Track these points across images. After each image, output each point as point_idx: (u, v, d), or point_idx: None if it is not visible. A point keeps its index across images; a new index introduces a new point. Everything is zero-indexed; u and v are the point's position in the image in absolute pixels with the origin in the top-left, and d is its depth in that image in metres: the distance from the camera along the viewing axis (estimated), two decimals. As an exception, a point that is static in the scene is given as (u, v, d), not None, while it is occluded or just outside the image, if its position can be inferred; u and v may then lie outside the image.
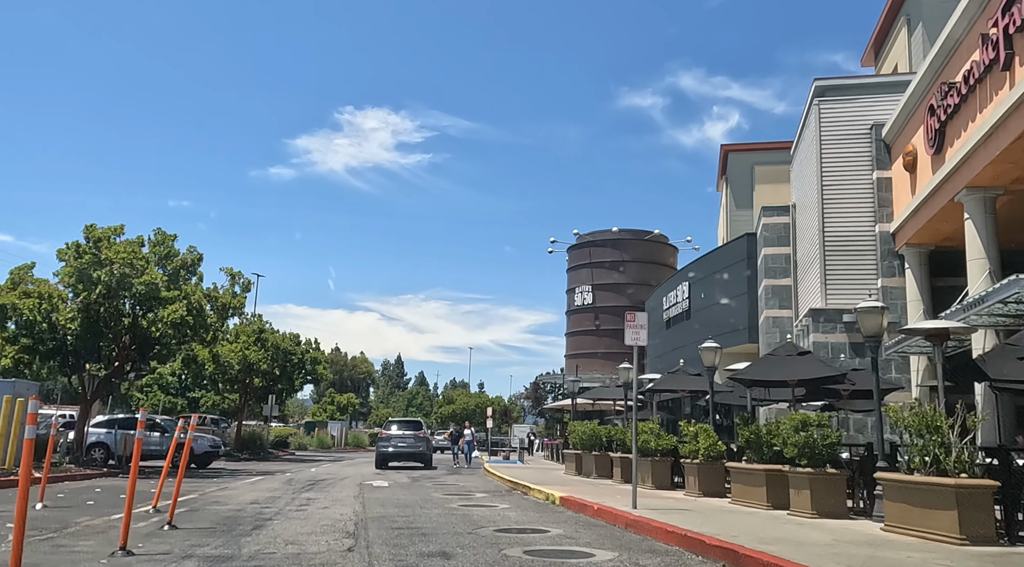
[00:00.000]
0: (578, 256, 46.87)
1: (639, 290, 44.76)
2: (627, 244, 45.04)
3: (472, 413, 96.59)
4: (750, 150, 47.84)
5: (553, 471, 24.76)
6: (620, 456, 17.77)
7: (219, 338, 26.75)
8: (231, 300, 23.23)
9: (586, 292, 45.05)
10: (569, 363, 47.00)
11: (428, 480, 20.93)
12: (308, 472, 24.39)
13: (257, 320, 35.21)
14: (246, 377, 34.57)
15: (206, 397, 55.69)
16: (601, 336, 44.45)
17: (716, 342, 18.32)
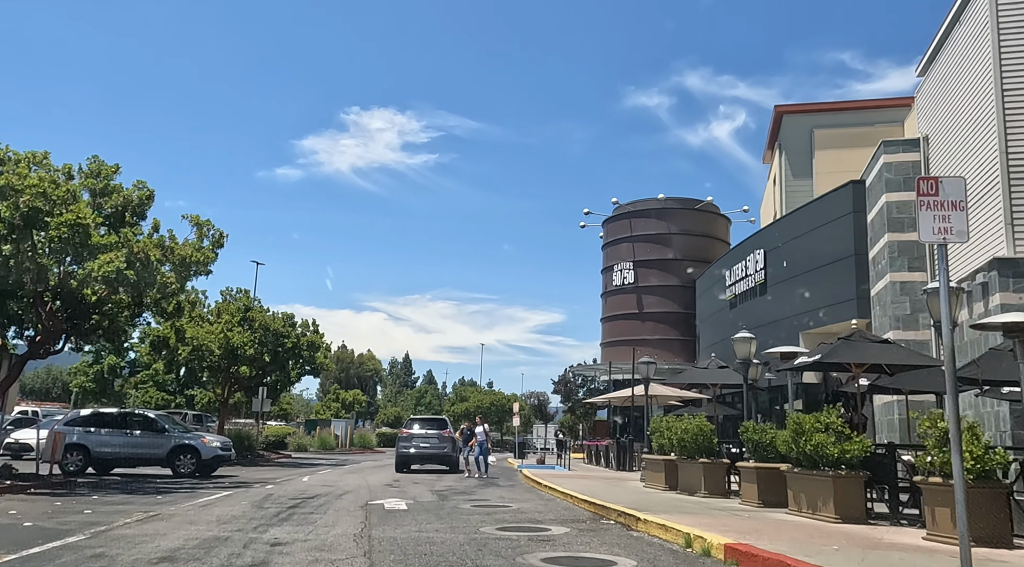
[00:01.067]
0: (616, 229, 40.89)
1: (689, 266, 38.73)
2: (674, 214, 39.06)
3: (487, 411, 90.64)
4: (809, 112, 41.91)
5: (624, 482, 18.79)
6: (758, 467, 11.79)
7: (185, 310, 20.87)
8: (193, 254, 17.33)
9: (626, 270, 39.09)
10: (606, 352, 41.06)
11: (461, 496, 15.05)
12: (297, 484, 18.50)
13: (243, 296, 29.37)
14: (230, 365, 28.74)
15: (203, 393, 50.37)
16: (645, 320, 38.45)
17: (809, 319, 13.06)
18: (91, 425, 20.14)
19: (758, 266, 28.73)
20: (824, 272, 24.25)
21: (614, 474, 22.24)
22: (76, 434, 19.73)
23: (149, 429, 20.43)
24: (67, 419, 20.33)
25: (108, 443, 19.94)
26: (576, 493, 13.91)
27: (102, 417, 20.71)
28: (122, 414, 21.35)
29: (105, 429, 20.09)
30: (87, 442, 19.75)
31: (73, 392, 78.17)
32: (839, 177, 31.29)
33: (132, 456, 20.20)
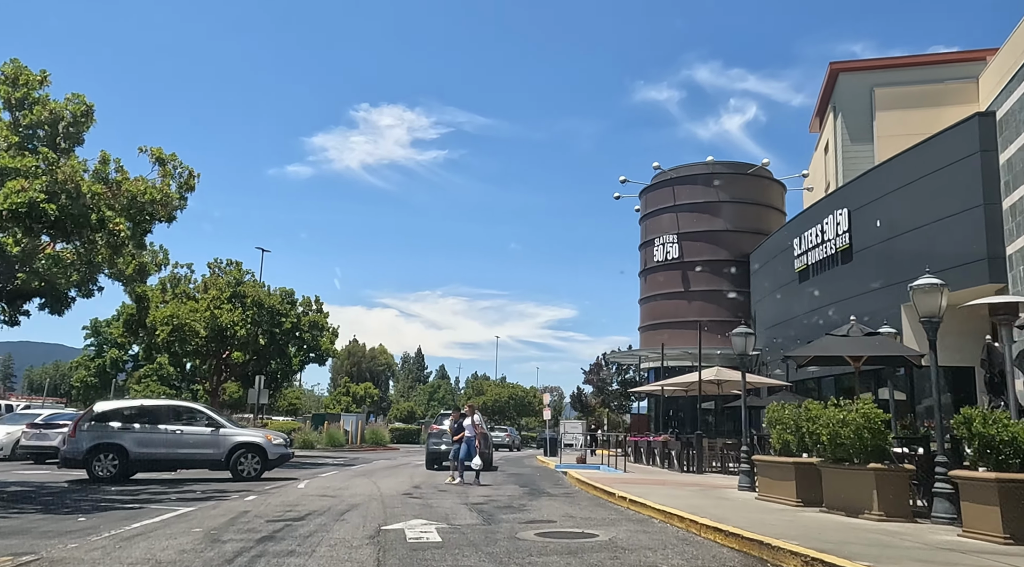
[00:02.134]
0: (657, 199, 36.39)
1: (740, 238, 34.31)
2: (723, 180, 34.50)
3: (504, 406, 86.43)
4: (868, 69, 37.29)
5: (720, 491, 14.38)
6: (1001, 480, 7.36)
7: (149, 270, 16.63)
8: (148, 190, 13.08)
9: (670, 243, 34.61)
10: (645, 337, 36.64)
11: (509, 513, 10.75)
12: (289, 493, 14.25)
13: (235, 268, 25.17)
14: (220, 348, 24.56)
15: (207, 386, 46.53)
16: (692, 300, 33.98)
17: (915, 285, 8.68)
18: (129, 420, 16.29)
19: (840, 229, 24.21)
20: (938, 230, 19.73)
21: (690, 478, 17.81)
22: (109, 431, 15.98)
23: (203, 424, 16.88)
24: (95, 413, 16.48)
25: (151, 442, 16.20)
26: (681, 512, 9.55)
27: (143, 410, 16.80)
28: (168, 407, 17.57)
29: (147, 425, 16.32)
30: (124, 441, 15.98)
31: (73, 387, 74.67)
32: (904, 141, 26.74)
33: (182, 458, 16.64)
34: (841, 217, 24.27)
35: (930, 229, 20.13)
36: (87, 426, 15.90)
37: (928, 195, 20.34)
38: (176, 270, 25.63)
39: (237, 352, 26.27)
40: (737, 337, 14.34)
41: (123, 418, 16.24)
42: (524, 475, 21.15)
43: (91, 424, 15.96)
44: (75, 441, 15.75)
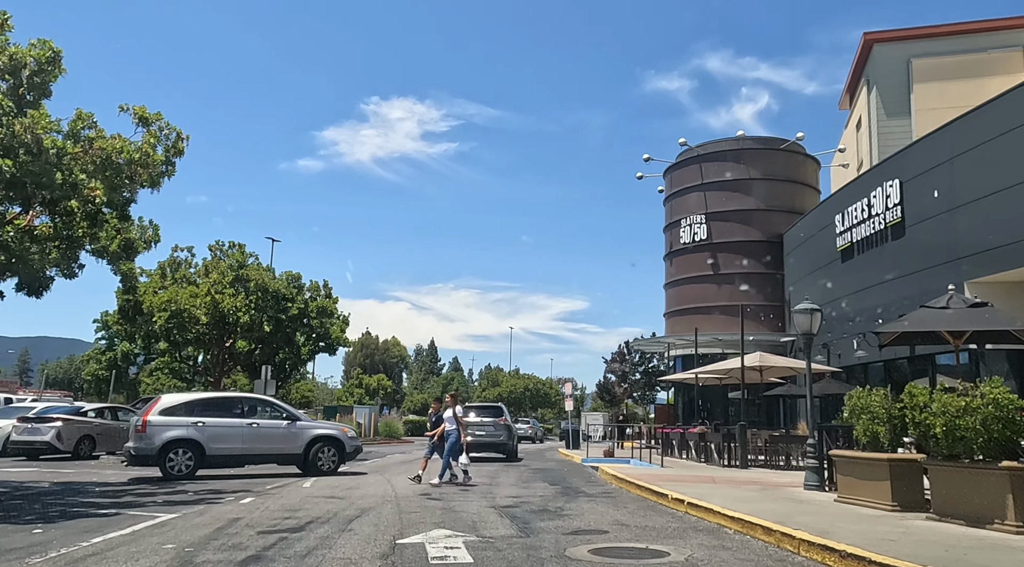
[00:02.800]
0: (683, 177, 34.45)
1: (773, 217, 32.37)
2: (754, 157, 32.56)
3: (521, 398, 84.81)
4: (905, 39, 35.15)
5: (786, 490, 12.60)
6: None
7: (138, 248, 15.00)
8: (125, 148, 11.41)
9: (697, 224, 32.70)
10: (671, 323, 34.80)
11: (547, 519, 9.06)
12: (291, 495, 12.61)
13: (237, 251, 23.56)
14: (222, 336, 22.98)
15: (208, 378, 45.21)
16: (721, 284, 32.10)
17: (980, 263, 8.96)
18: (201, 413, 15.30)
19: (890, 202, 22.28)
20: (1005, 200, 17.78)
21: (738, 475, 16.02)
22: (183, 427, 14.90)
23: (279, 417, 16.16)
24: (164, 406, 15.35)
25: (227, 437, 15.28)
26: (762, 520, 7.81)
27: (214, 403, 16.05)
28: (241, 399, 16.84)
29: (221, 418, 15.41)
30: (199, 437, 14.94)
31: (85, 381, 73.68)
32: (943, 114, 24.78)
33: (259, 453, 15.82)
34: (892, 189, 22.34)
35: (996, 199, 18.19)
36: (157, 421, 14.70)
37: (992, 161, 18.39)
38: (176, 254, 24.11)
39: (241, 341, 24.68)
40: (801, 314, 12.54)
41: (195, 411, 15.22)
42: (551, 470, 19.45)
43: (161, 418, 14.78)
44: (147, 437, 14.56)
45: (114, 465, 19.51)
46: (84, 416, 22.06)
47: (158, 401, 15.48)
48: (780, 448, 19.02)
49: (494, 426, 23.82)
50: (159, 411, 15.00)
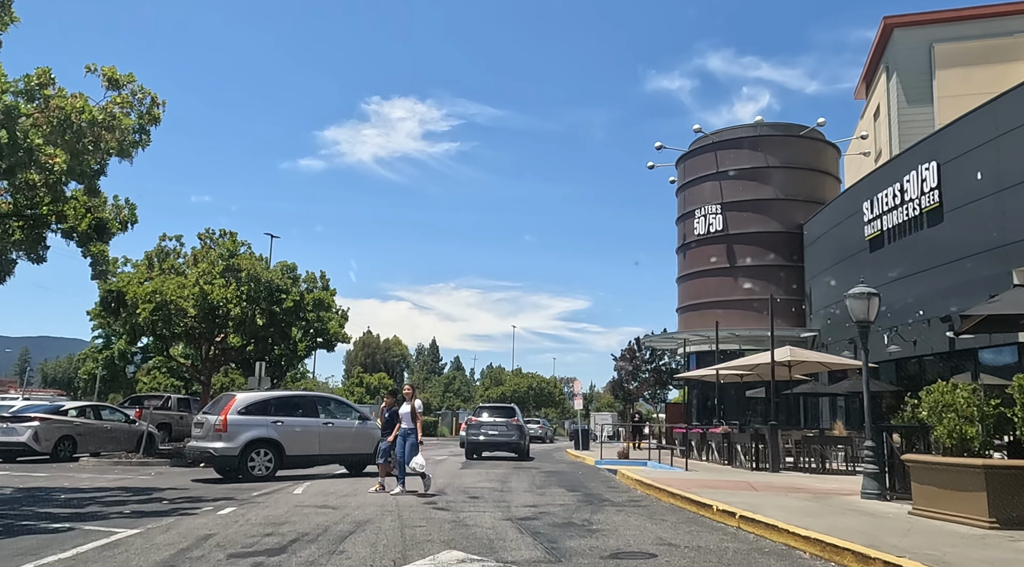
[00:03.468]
0: (697, 166, 32.97)
1: (792, 207, 30.92)
2: (772, 144, 31.07)
3: (524, 397, 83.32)
4: (927, 23, 33.67)
5: (840, 499, 11.12)
6: None
7: (112, 228, 13.55)
8: (87, 109, 9.97)
9: (712, 215, 31.22)
10: (684, 318, 33.34)
11: (581, 539, 7.62)
12: (277, 504, 11.18)
13: (228, 240, 22.11)
14: (211, 330, 21.55)
15: (216, 378, 43.98)
16: (738, 277, 30.64)
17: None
18: (278, 412, 14.86)
19: (926, 186, 20.80)
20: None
21: (776, 480, 14.54)
22: (263, 426, 14.44)
23: (351, 417, 16.10)
24: (242, 404, 14.68)
25: (305, 437, 14.96)
26: (849, 544, 6.34)
27: (290, 402, 15.59)
28: (314, 398, 16.56)
29: (299, 418, 15.08)
30: (280, 437, 14.54)
31: (81, 380, 72.33)
32: (968, 101, 23.32)
33: (335, 453, 15.63)
34: (928, 172, 20.86)
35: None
36: (237, 420, 14.15)
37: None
38: (164, 243, 22.62)
39: (233, 335, 23.22)
40: (856, 300, 11.08)
41: (271, 410, 14.73)
42: (564, 474, 17.99)
43: (240, 417, 14.23)
44: (228, 436, 14.01)
45: (94, 468, 18.10)
46: (64, 415, 20.64)
47: (234, 399, 14.68)
48: (813, 450, 17.56)
49: (507, 426, 24.25)
50: (237, 410, 14.29)
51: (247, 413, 14.34)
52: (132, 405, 27.18)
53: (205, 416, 14.69)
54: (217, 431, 13.93)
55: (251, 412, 14.40)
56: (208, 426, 14.22)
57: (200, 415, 15.19)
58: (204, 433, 14.32)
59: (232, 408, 14.28)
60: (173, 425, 27.68)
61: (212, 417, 14.30)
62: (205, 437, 14.22)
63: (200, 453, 14.25)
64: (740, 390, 30.46)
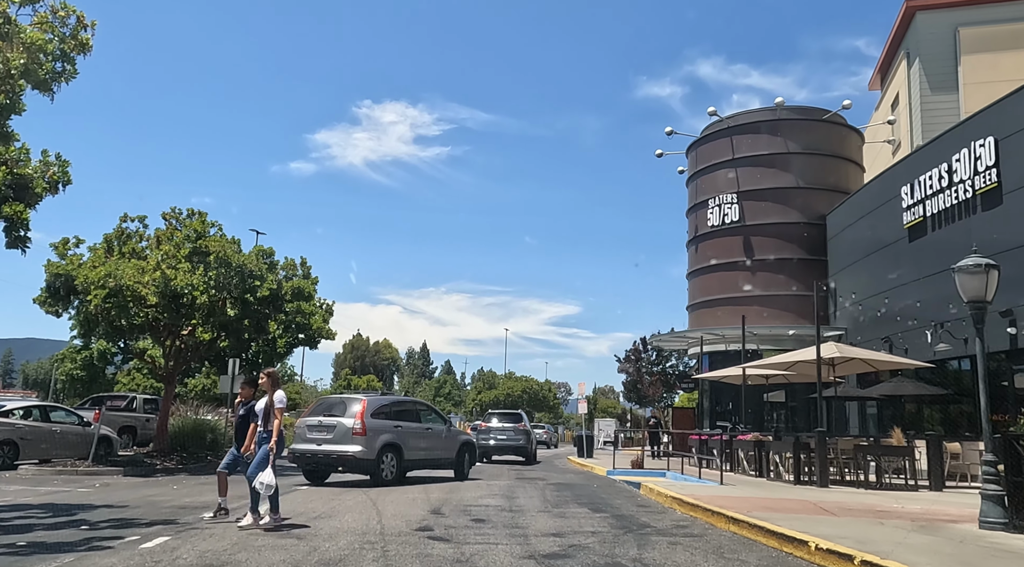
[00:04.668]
0: (711, 153, 30.69)
1: (814, 196, 28.74)
2: (792, 129, 28.86)
3: (518, 401, 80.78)
4: (952, 6, 31.56)
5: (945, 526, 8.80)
6: None
7: (37, 188, 11.08)
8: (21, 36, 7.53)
9: (728, 204, 28.98)
10: (696, 316, 31.07)
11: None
12: (227, 532, 8.70)
13: (196, 220, 19.62)
14: (175, 321, 19.07)
15: (197, 380, 41.58)
16: (756, 271, 28.38)
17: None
18: (396, 417, 15.20)
19: (981, 165, 18.57)
20: None
21: (842, 498, 12.15)
22: (389, 431, 14.65)
23: (439, 421, 16.73)
24: (372, 408, 14.66)
25: (416, 442, 15.47)
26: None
27: (398, 407, 15.84)
28: (413, 403, 17.25)
29: (408, 423, 15.43)
30: (401, 442, 14.86)
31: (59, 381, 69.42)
32: (996, 88, 21.22)
33: (432, 458, 16.04)
34: (983, 149, 18.62)
35: None
36: (371, 424, 14.21)
37: None
38: (125, 224, 20.13)
39: (202, 328, 20.73)
40: (969, 275, 8.75)
41: (391, 415, 15.06)
42: (578, 486, 15.60)
43: (373, 421, 14.30)
44: (366, 440, 14.03)
45: (32, 477, 15.67)
46: (6, 417, 18.13)
47: (364, 402, 14.56)
48: (861, 461, 15.21)
49: (515, 431, 25.34)
50: (370, 413, 14.31)
51: (375, 417, 14.37)
52: (93, 406, 24.69)
53: (335, 419, 14.22)
54: (356, 434, 13.82)
55: (377, 416, 14.47)
56: (343, 429, 13.95)
57: (319, 417, 14.56)
58: (336, 436, 13.97)
59: (365, 412, 14.16)
60: (139, 428, 25.14)
61: (346, 420, 14.01)
62: (338, 440, 13.93)
63: (330, 456, 13.94)
64: (754, 393, 28.23)
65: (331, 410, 14.75)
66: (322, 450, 14.04)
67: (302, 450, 14.29)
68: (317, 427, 14.35)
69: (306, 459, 14.33)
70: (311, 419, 14.66)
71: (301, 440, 14.47)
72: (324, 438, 14.14)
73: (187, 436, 21.14)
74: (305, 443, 14.32)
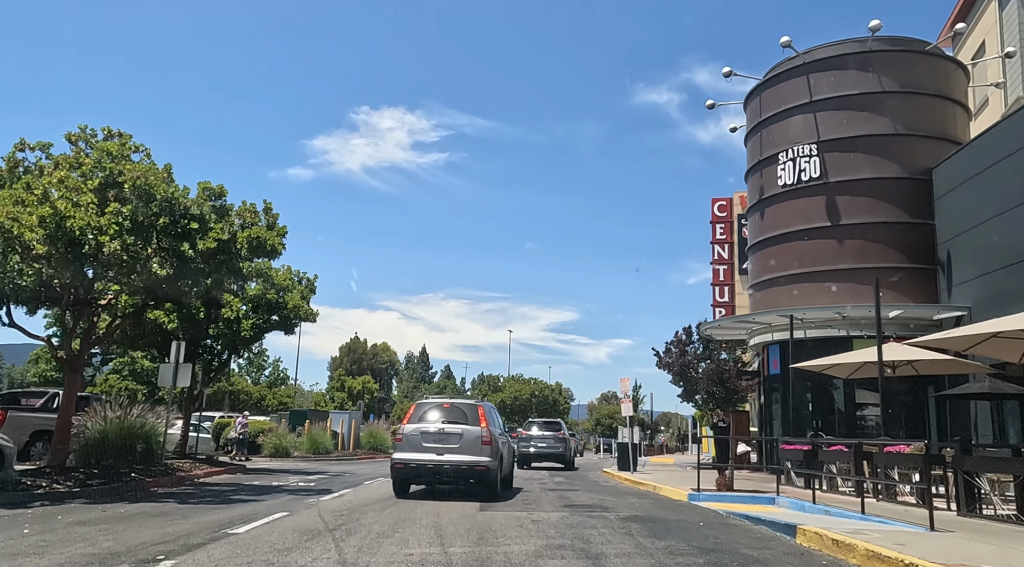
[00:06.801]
0: (782, 96, 25.03)
1: (915, 146, 23.13)
2: (887, 63, 23.26)
3: (526, 405, 75.04)
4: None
5: None
6: None
7: None
8: None
9: (805, 157, 23.41)
10: (758, 298, 25.43)
11: None
12: None
13: (115, 143, 13.91)
14: (75, 279, 13.47)
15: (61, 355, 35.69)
16: (843, 239, 22.73)
17: None
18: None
19: None
20: None
21: None
22: (504, 441, 15.13)
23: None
24: (488, 414, 14.17)
25: (509, 451, 16.20)
26: None
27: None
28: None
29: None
30: (505, 451, 15.25)
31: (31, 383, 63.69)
32: None
33: (507, 473, 15.48)
34: None
35: None
36: (494, 431, 13.80)
37: None
38: (21, 153, 14.56)
39: (127, 297, 15.12)
40: None
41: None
42: (672, 525, 9.93)
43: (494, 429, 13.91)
44: (493, 451, 13.23)
45: None
46: None
47: (482, 408, 13.88)
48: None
49: (554, 439, 26.22)
50: (489, 421, 13.84)
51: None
52: (2, 405, 19.12)
53: (461, 426, 13.17)
54: (485, 444, 13.07)
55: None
56: (471, 438, 13.08)
57: (438, 425, 13.22)
58: (463, 445, 12.98)
59: (487, 418, 13.55)
60: (58, 434, 19.48)
61: (473, 428, 13.19)
62: (465, 449, 12.95)
63: (459, 467, 12.84)
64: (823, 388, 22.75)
65: (449, 416, 13.36)
66: (447, 461, 12.79)
67: (418, 461, 12.89)
68: (438, 435, 13.04)
69: (426, 470, 12.93)
70: (428, 426, 13.21)
71: (412, 449, 13.02)
72: (447, 447, 12.92)
73: (109, 446, 15.48)
74: (420, 452, 12.95)
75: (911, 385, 21.52)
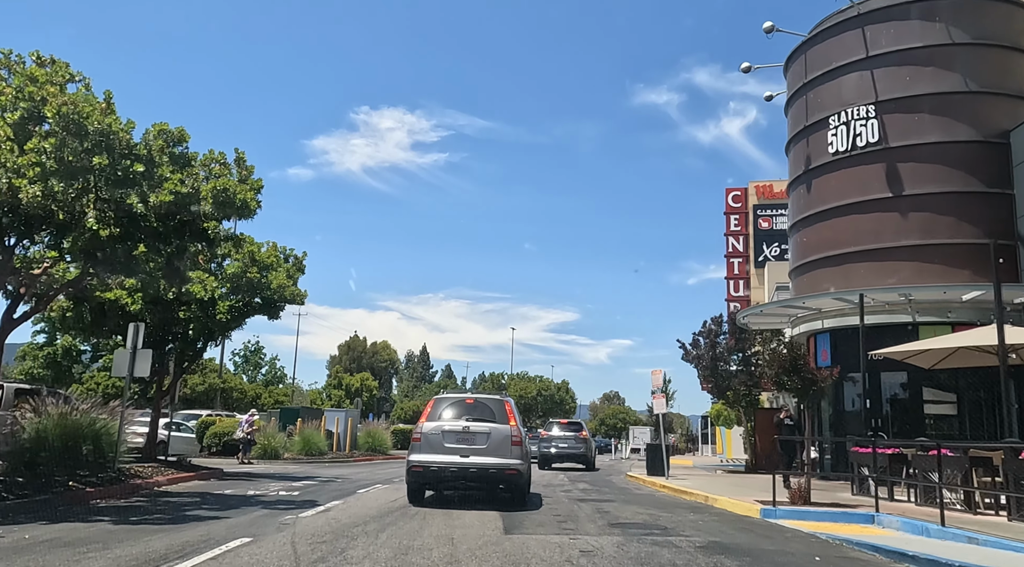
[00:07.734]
0: (831, 52, 22.23)
1: (989, 105, 20.34)
2: (955, 11, 20.49)
3: (532, 404, 72.24)
4: None
5: None
6: None
7: None
8: None
9: (861, 120, 20.67)
10: (804, 281, 22.63)
11: None
12: None
13: (51, 71, 11.07)
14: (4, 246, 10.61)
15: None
16: (906, 211, 19.93)
17: None
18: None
19: None
20: None
21: None
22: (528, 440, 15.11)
23: None
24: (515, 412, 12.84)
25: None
26: None
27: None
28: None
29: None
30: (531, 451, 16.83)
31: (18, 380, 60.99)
32: None
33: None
34: None
35: None
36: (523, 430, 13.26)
37: None
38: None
39: (73, 263, 12.37)
40: None
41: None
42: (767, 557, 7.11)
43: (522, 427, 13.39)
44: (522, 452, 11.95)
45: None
46: None
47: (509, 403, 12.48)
48: None
49: (575, 440, 26.19)
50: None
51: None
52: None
53: (487, 424, 11.60)
54: (515, 444, 11.57)
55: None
56: (500, 437, 11.51)
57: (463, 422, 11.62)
58: (491, 446, 11.40)
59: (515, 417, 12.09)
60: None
61: (502, 426, 11.62)
62: (493, 451, 11.38)
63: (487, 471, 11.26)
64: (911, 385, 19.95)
65: (473, 413, 11.90)
66: (472, 464, 11.27)
67: (440, 464, 11.32)
68: (462, 434, 11.56)
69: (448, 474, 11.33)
70: (451, 424, 11.68)
71: (432, 450, 11.47)
72: (473, 448, 11.44)
73: (52, 446, 12.72)
74: (441, 453, 11.39)
75: (984, 378, 18.70)
